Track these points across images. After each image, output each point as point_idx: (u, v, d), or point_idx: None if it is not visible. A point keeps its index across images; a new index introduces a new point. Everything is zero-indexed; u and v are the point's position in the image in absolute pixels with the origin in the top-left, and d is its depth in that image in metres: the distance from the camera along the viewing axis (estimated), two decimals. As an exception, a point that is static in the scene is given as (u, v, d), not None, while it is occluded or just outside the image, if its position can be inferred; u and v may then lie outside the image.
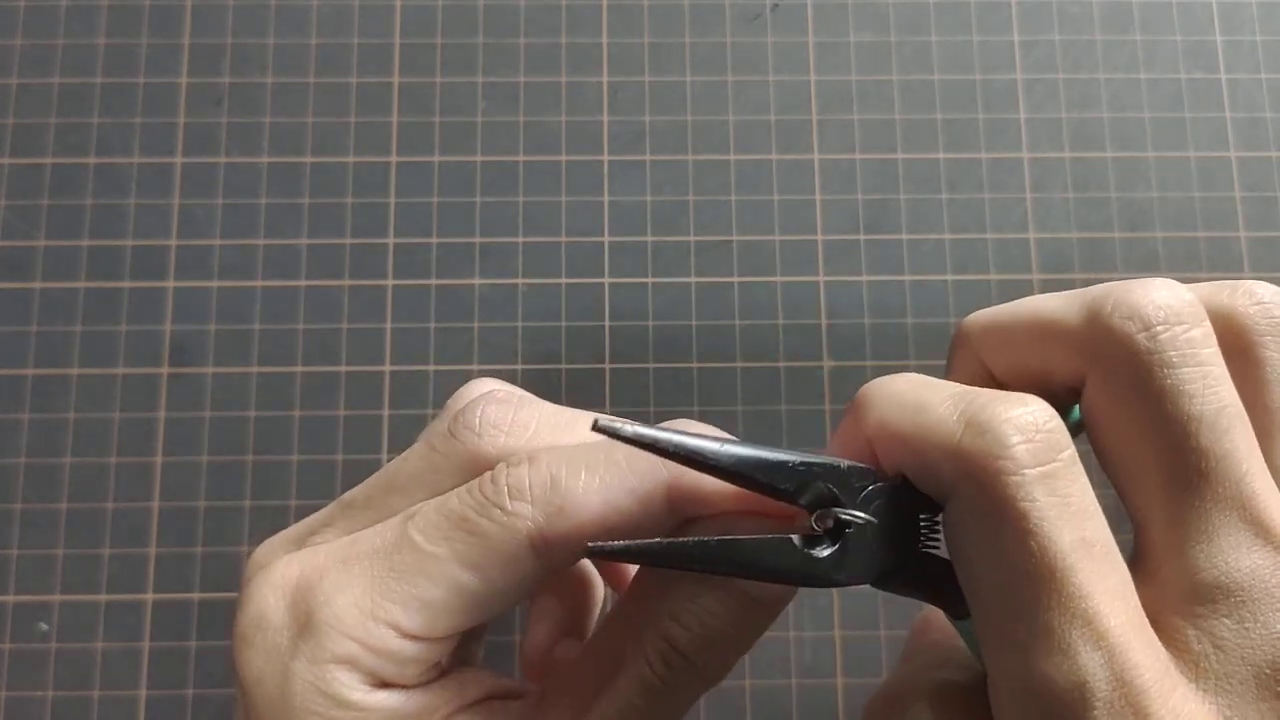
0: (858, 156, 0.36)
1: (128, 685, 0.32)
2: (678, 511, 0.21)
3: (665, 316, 0.35)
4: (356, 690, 0.20)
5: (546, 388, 0.34)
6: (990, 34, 0.37)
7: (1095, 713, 0.17)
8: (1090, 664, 0.17)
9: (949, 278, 0.35)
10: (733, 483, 0.19)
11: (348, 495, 0.23)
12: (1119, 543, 0.19)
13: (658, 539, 0.19)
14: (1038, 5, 0.37)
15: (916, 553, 0.20)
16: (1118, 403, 0.19)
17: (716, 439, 0.19)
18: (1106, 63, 0.37)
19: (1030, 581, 0.17)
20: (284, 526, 0.33)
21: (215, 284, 0.34)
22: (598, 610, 0.28)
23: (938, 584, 0.20)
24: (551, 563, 0.20)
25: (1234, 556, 0.18)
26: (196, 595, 0.33)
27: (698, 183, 0.36)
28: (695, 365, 0.34)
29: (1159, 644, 0.18)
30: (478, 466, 0.21)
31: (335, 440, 0.33)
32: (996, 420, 0.18)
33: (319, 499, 0.33)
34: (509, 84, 0.36)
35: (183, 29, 0.36)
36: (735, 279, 0.35)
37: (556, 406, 0.23)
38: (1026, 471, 0.17)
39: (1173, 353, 0.19)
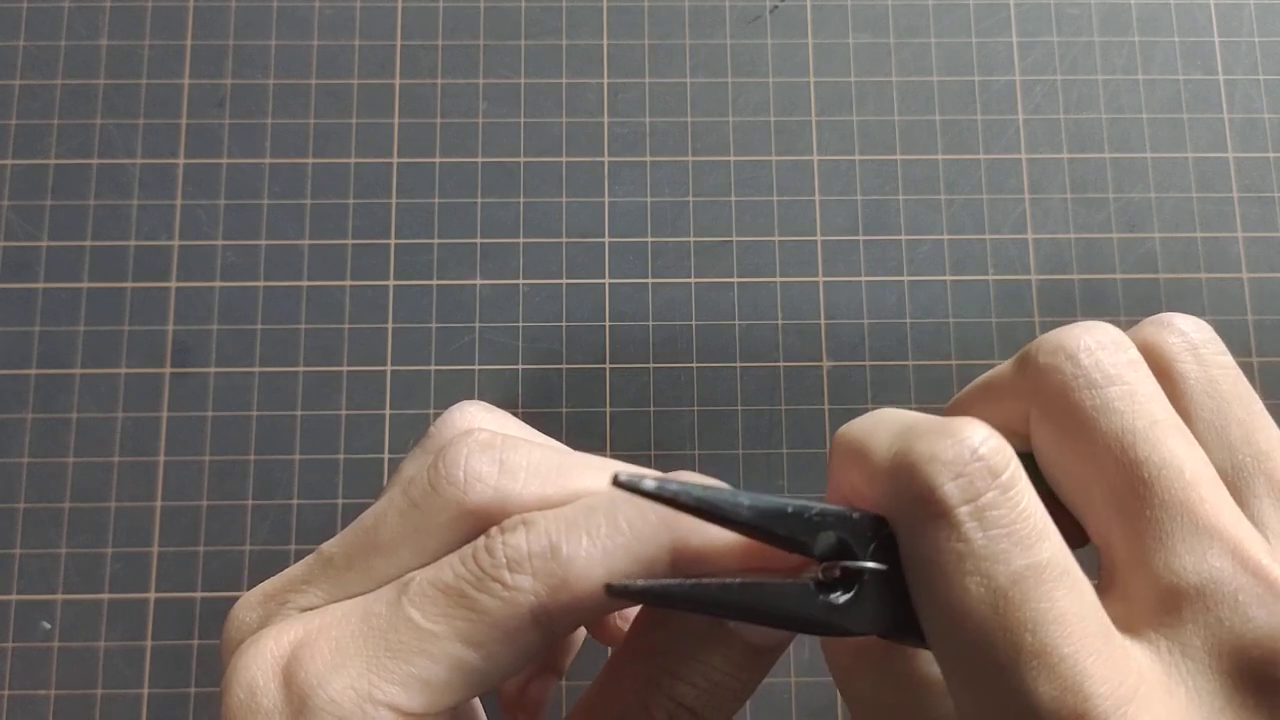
0: (857, 158, 0.36)
1: (130, 684, 0.32)
2: (681, 572, 0.20)
3: (665, 317, 0.35)
4: None
5: (547, 388, 0.34)
6: (989, 35, 0.37)
7: None
8: (1044, 698, 0.16)
9: (948, 278, 0.35)
10: (749, 535, 0.19)
11: (327, 548, 0.22)
12: None
13: (679, 580, 0.18)
14: (1036, 7, 0.37)
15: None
16: (1057, 434, 0.20)
17: (729, 490, 0.19)
18: (1105, 64, 0.37)
19: (975, 623, 0.17)
20: (286, 526, 0.33)
21: (217, 284, 0.35)
22: (576, 650, 0.28)
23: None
24: (554, 632, 0.20)
25: (1190, 561, 0.18)
26: (199, 594, 0.33)
27: (698, 184, 0.36)
28: (695, 365, 0.34)
29: (1126, 660, 0.17)
30: (464, 523, 0.20)
31: (337, 440, 0.34)
32: (924, 461, 0.17)
33: (321, 498, 0.33)
34: (510, 85, 0.36)
35: (185, 30, 0.36)
36: (735, 279, 0.35)
37: (544, 446, 0.21)
38: (959, 511, 0.17)
39: (1097, 374, 0.19)
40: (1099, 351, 0.19)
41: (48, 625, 0.32)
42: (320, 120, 0.36)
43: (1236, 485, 0.20)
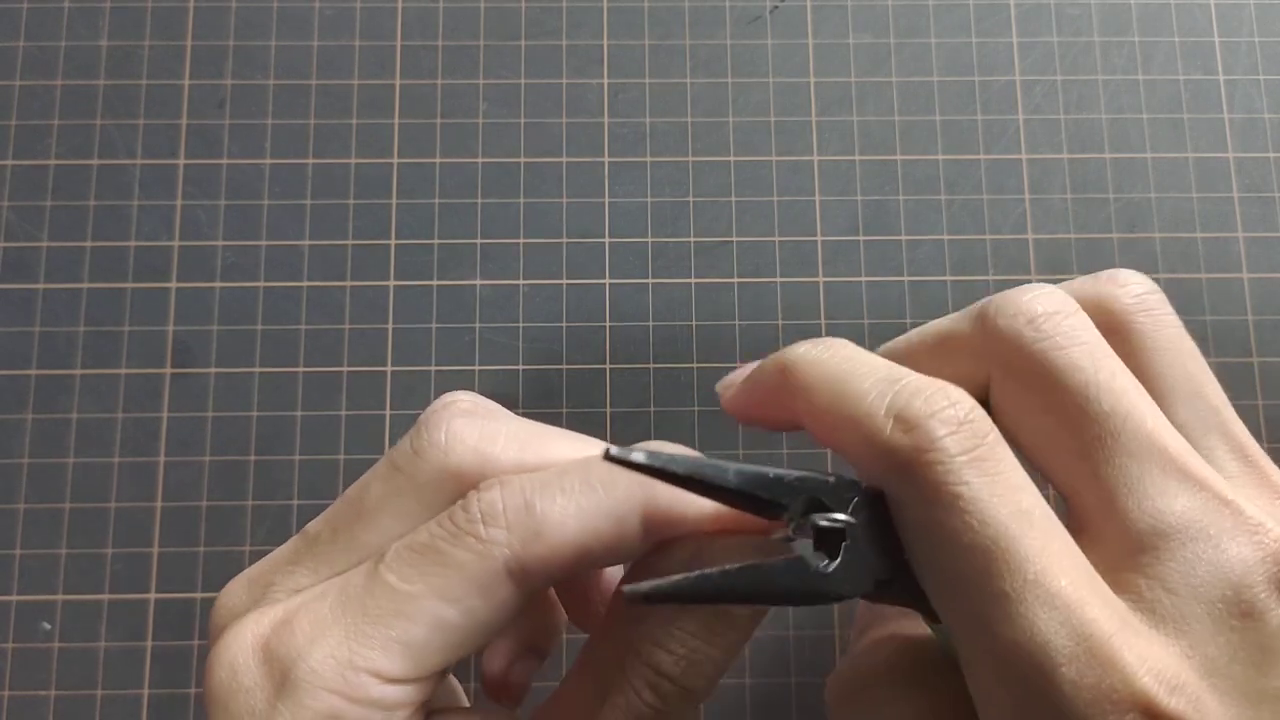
0: (857, 158, 0.36)
1: (131, 684, 0.32)
2: (653, 534, 0.20)
3: (665, 317, 0.35)
4: None
5: (547, 388, 0.34)
6: (989, 36, 0.37)
7: (1063, 669, 0.17)
8: (1049, 624, 0.17)
9: (948, 279, 0.35)
10: (733, 503, 0.19)
11: (311, 527, 0.22)
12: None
13: (684, 575, 0.19)
14: (1036, 7, 0.37)
15: (901, 559, 0.20)
16: (1022, 392, 0.21)
17: (714, 461, 0.19)
18: (1105, 64, 0.37)
19: (977, 557, 0.18)
20: (287, 526, 0.33)
21: (218, 285, 0.35)
22: (559, 631, 0.28)
23: (918, 589, 0.20)
24: (529, 588, 0.20)
25: (1163, 503, 0.19)
26: (199, 595, 0.33)
27: (698, 184, 0.36)
28: (695, 365, 0.34)
29: (1114, 596, 0.18)
30: (445, 485, 0.21)
31: (337, 440, 0.34)
32: (922, 416, 0.19)
33: (321, 499, 0.33)
34: (510, 86, 0.36)
35: (185, 31, 0.36)
36: (735, 279, 0.35)
37: (525, 420, 0.22)
38: (957, 459, 0.19)
39: (1058, 336, 0.20)
40: (1057, 315, 0.21)
41: (48, 626, 0.32)
42: (320, 121, 0.36)
43: (1192, 438, 0.20)
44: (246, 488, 0.33)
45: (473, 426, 0.21)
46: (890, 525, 0.20)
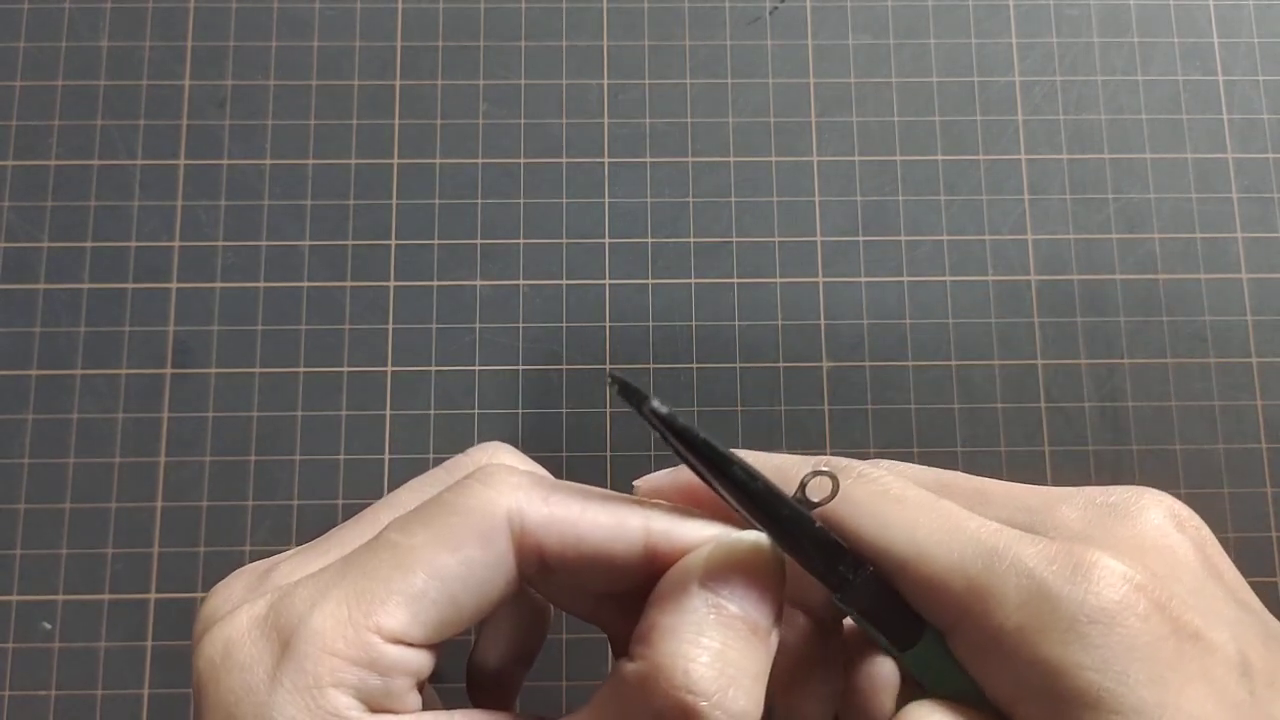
0: (857, 158, 0.36)
1: (131, 684, 0.32)
2: (652, 554, 0.20)
3: (665, 317, 0.35)
4: (354, 709, 0.18)
5: (547, 388, 0.34)
6: (988, 36, 0.37)
7: (1044, 571, 0.19)
8: (1015, 544, 0.20)
9: (947, 279, 0.35)
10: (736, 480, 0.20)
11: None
12: None
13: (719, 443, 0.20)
14: (1036, 8, 0.37)
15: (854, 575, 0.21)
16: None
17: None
18: (1104, 65, 0.37)
19: (933, 521, 0.21)
20: (287, 526, 0.33)
21: (218, 285, 0.35)
22: (544, 638, 0.28)
23: (882, 613, 0.21)
24: (523, 551, 0.20)
25: (1057, 519, 0.22)
26: (199, 595, 0.33)
27: (698, 184, 0.36)
28: (695, 366, 0.34)
29: None
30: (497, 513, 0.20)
31: (337, 440, 0.34)
32: (838, 468, 0.22)
33: (321, 499, 0.33)
34: (510, 86, 0.36)
35: (186, 31, 0.37)
36: (735, 280, 0.35)
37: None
38: (885, 475, 0.22)
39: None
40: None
41: (48, 625, 0.32)
42: (320, 121, 0.36)
43: None
44: (246, 488, 0.33)
45: (529, 479, 0.21)
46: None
